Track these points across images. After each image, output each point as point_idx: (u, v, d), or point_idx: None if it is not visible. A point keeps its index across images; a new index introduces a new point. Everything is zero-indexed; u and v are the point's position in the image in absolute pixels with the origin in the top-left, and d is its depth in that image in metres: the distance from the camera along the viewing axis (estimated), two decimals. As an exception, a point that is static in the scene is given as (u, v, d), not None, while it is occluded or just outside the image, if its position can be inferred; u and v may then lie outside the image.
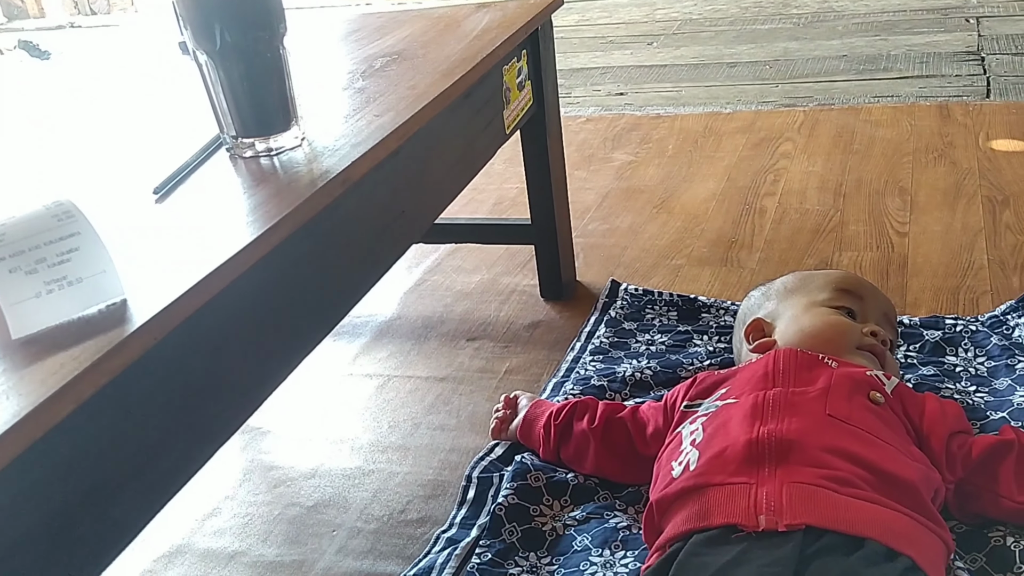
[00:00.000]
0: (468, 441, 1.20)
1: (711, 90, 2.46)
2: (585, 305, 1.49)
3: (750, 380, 0.97)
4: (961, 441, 0.93)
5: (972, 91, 2.14)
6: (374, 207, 0.91)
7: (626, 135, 2.22)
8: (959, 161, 1.78)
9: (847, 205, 1.68)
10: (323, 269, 0.82)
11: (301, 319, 0.79)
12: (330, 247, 0.83)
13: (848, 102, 2.20)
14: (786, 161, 1.92)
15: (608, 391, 1.21)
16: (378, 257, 0.94)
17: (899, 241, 1.53)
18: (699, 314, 1.39)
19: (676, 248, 1.64)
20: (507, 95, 1.27)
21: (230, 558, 1.06)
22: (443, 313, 1.54)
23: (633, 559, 0.93)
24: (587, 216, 1.81)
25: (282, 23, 0.83)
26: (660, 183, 1.92)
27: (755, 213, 1.72)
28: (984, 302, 1.32)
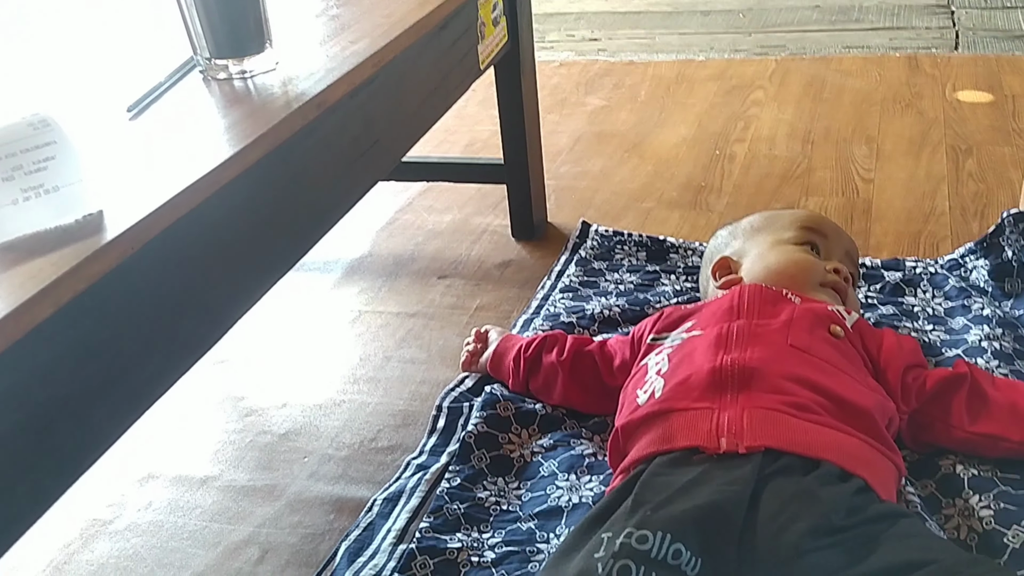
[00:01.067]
0: (439, 374, 1.22)
1: (685, 38, 2.46)
2: (556, 245, 1.50)
3: (715, 313, 0.99)
4: (916, 374, 0.97)
5: (941, 43, 2.16)
6: (349, 133, 0.91)
7: (599, 80, 2.22)
8: (926, 111, 1.80)
9: (815, 152, 1.71)
10: (297, 191, 0.83)
11: (275, 239, 0.80)
12: (305, 170, 0.83)
13: (820, 52, 2.21)
14: (757, 109, 1.94)
15: (577, 327, 1.23)
16: (352, 184, 0.94)
17: (864, 187, 1.56)
18: (667, 254, 1.41)
19: (646, 191, 1.66)
20: (482, 30, 1.26)
21: (202, 482, 1.08)
22: (414, 251, 1.55)
23: (598, 483, 0.96)
24: (559, 159, 1.82)
25: (257, -57, 0.82)
26: (632, 128, 1.93)
27: (725, 159, 1.74)
28: (944, 246, 1.35)
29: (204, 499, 1.05)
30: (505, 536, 0.92)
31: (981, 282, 1.21)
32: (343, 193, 0.93)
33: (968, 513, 0.87)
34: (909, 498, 0.89)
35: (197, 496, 1.06)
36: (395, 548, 0.92)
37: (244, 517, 1.02)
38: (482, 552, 0.90)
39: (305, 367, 1.27)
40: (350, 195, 0.95)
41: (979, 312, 1.15)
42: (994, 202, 1.45)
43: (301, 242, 0.85)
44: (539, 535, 0.92)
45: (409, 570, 0.88)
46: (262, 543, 0.98)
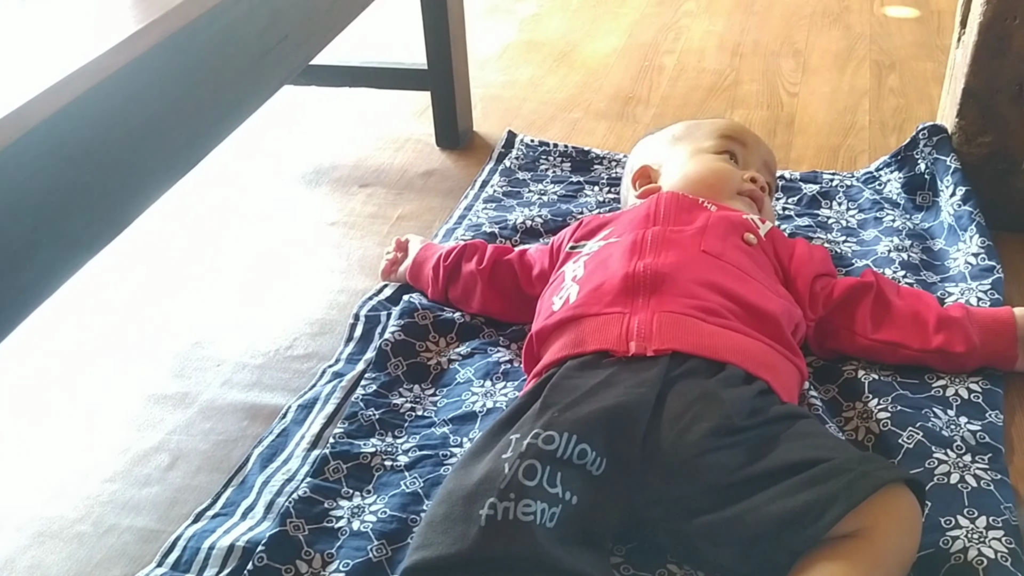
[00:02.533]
0: (357, 283, 1.20)
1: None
2: (481, 155, 1.48)
3: (632, 221, 0.99)
4: (824, 283, 0.99)
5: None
6: (255, 26, 0.87)
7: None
8: (853, 25, 1.81)
9: (743, 65, 1.70)
10: (197, 85, 0.79)
11: (172, 136, 0.77)
12: (205, 62, 0.80)
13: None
14: (688, 20, 1.91)
15: (499, 237, 1.22)
16: (259, 81, 0.90)
17: (789, 101, 1.56)
18: (591, 165, 1.41)
19: (574, 102, 1.63)
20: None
21: (111, 390, 1.06)
22: (336, 159, 1.51)
23: (512, 388, 0.97)
24: (487, 67, 1.78)
25: None
26: (562, 37, 1.89)
27: (654, 70, 1.72)
28: (862, 160, 1.37)
29: (113, 407, 1.03)
30: (419, 441, 0.93)
31: (894, 195, 1.23)
32: (249, 90, 0.89)
33: (867, 415, 0.90)
34: (811, 402, 0.92)
35: (105, 404, 1.04)
36: (308, 453, 0.92)
37: (154, 424, 1.00)
38: (396, 456, 0.91)
39: (220, 274, 1.24)
40: (257, 94, 0.91)
41: (890, 224, 1.17)
42: (913, 117, 1.47)
43: (202, 141, 0.82)
44: (453, 439, 0.92)
45: (322, 474, 0.88)
46: (172, 449, 0.97)
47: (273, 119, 1.58)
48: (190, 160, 0.80)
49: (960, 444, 0.85)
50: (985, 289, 1.03)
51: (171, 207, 1.35)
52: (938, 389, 0.93)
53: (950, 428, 0.87)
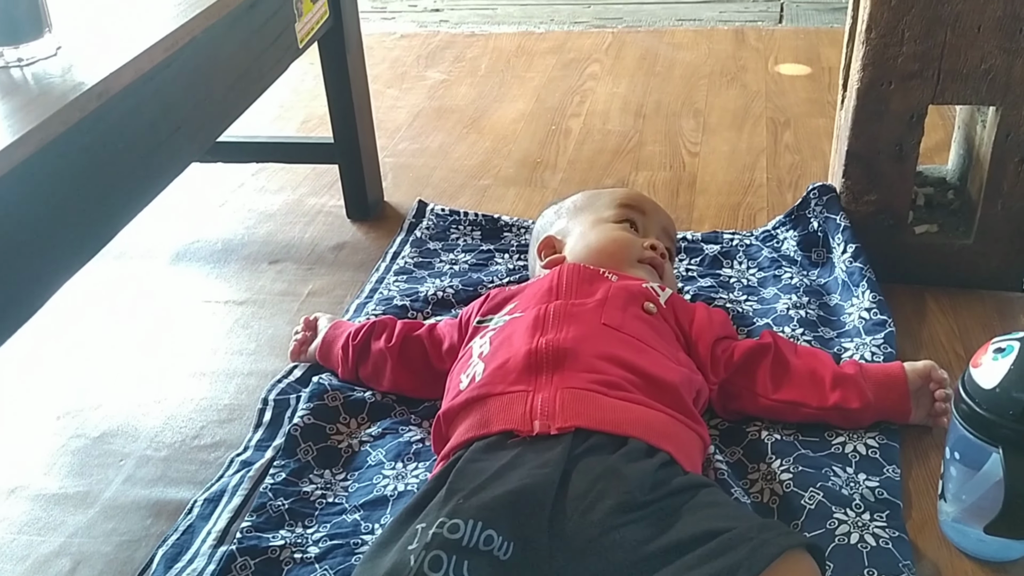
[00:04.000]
0: (267, 364, 1.19)
1: (526, 9, 2.46)
2: (392, 225, 1.49)
3: (536, 294, 1.01)
4: (725, 346, 1.01)
5: (766, 16, 2.25)
6: (143, 121, 0.86)
7: (440, 53, 2.20)
8: (749, 84, 1.88)
9: (646, 126, 1.75)
10: (86, 185, 0.78)
11: (61, 237, 0.75)
12: (93, 162, 0.79)
13: (654, 24, 2.26)
14: (593, 82, 1.96)
15: (410, 310, 1.22)
16: (152, 173, 0.89)
17: (691, 161, 1.61)
18: (501, 233, 1.42)
19: (484, 168, 1.66)
20: (299, 7, 1.22)
21: (9, 492, 1.02)
22: (245, 235, 1.49)
23: (424, 470, 0.97)
24: (398, 135, 1.79)
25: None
26: (471, 103, 1.92)
27: (561, 134, 1.76)
28: (760, 217, 1.42)
29: (12, 510, 0.99)
30: (330, 529, 0.91)
31: (791, 252, 1.27)
32: (142, 182, 0.88)
33: (771, 477, 0.92)
34: (717, 466, 0.93)
35: (4, 507, 1.00)
36: (215, 550, 0.90)
37: (55, 527, 0.97)
38: (305, 548, 0.89)
39: (125, 363, 1.21)
40: (151, 184, 0.90)
41: (788, 281, 1.21)
42: (808, 173, 1.53)
43: (92, 240, 0.80)
44: (364, 526, 0.91)
45: (229, 572, 0.86)
46: (74, 553, 0.93)
47: (181, 195, 1.56)
48: (81, 256, 0.79)
49: (859, 503, 0.88)
50: (878, 344, 1.06)
51: (68, 287, 1.32)
52: (838, 446, 0.95)
53: (849, 486, 0.90)
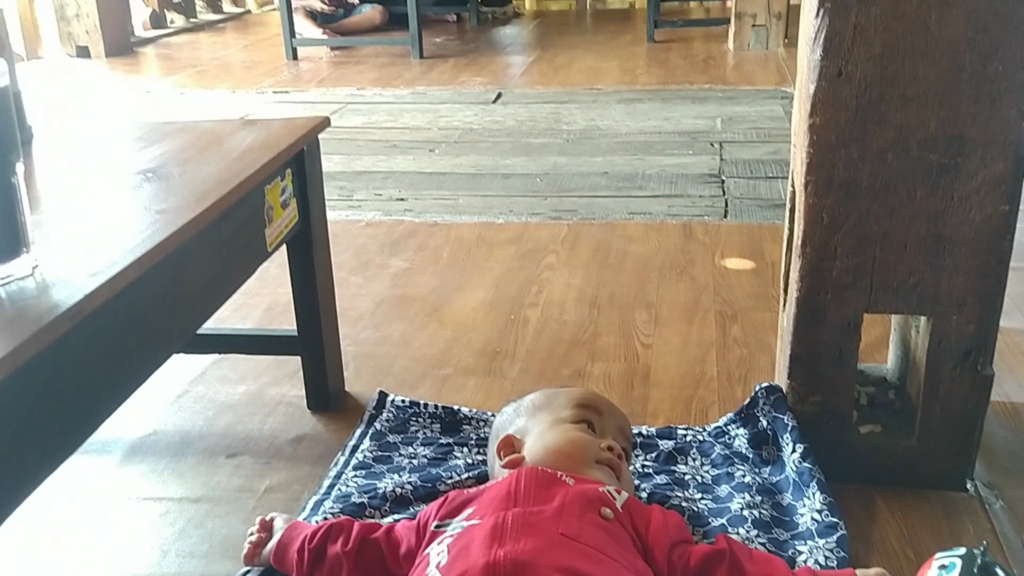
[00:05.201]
0: (220, 568, 1.16)
1: (486, 200, 2.58)
2: (353, 416, 1.50)
3: (494, 500, 1.02)
4: (681, 551, 1.02)
5: (712, 211, 2.39)
6: (112, 335, 0.89)
7: (404, 241, 2.28)
8: (697, 278, 1.97)
9: (601, 317, 1.82)
10: (52, 399, 0.79)
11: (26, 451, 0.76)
12: (61, 375, 0.80)
13: (607, 217, 2.38)
14: (550, 273, 2.05)
15: (368, 508, 1.22)
16: (118, 382, 0.91)
17: (644, 353, 1.67)
18: (461, 426, 1.44)
19: (444, 358, 1.69)
20: (269, 213, 1.28)
21: None
22: (204, 427, 1.49)
23: None
24: (360, 324, 1.83)
25: (14, 152, 0.81)
26: (433, 291, 1.98)
27: (519, 323, 1.81)
28: (712, 412, 1.46)
29: None
30: None
31: (743, 449, 1.30)
32: (108, 391, 0.89)
33: None
34: None
35: None
36: None
37: None
38: None
39: (72, 566, 1.18)
40: (117, 392, 0.91)
41: (741, 479, 1.23)
42: (756, 367, 1.59)
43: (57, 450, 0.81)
44: None
45: None
46: None
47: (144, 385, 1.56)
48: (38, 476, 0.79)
49: None
50: (831, 547, 1.08)
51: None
52: (795, 656, 0.95)
53: None
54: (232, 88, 4.04)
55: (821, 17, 1.06)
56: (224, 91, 3.99)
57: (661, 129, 3.19)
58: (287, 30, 4.56)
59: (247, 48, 5.12)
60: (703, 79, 3.86)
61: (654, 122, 3.29)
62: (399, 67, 4.39)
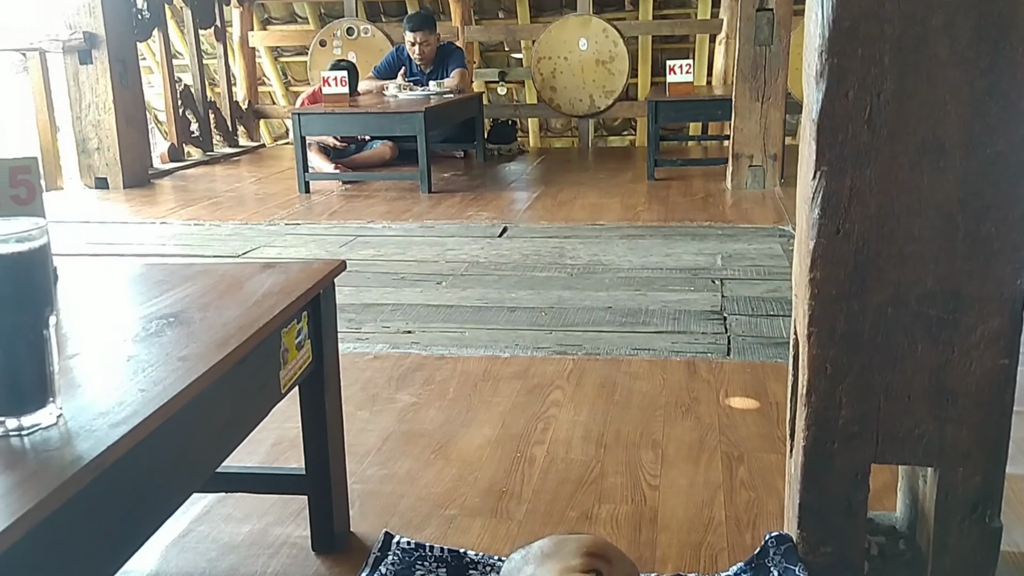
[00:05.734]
0: None
1: (492, 333, 2.62)
2: (358, 558, 1.48)
3: (504, 654, 1.00)
4: None
5: (715, 348, 2.42)
6: (131, 481, 0.90)
7: (411, 375, 2.30)
8: (702, 416, 1.98)
9: (607, 456, 1.82)
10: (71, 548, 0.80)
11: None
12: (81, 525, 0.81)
13: (612, 352, 2.41)
14: (556, 409, 2.06)
15: (372, 658, 1.19)
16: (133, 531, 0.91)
17: (651, 495, 1.66)
18: (467, 571, 1.42)
19: (450, 497, 1.68)
20: (285, 356, 1.31)
21: None
22: (206, 569, 1.47)
23: None
24: (366, 460, 1.83)
25: (49, 307, 0.85)
26: (440, 427, 1.99)
27: (525, 462, 1.81)
28: (722, 558, 1.44)
29: None
30: None
31: (754, 600, 1.28)
32: (119, 545, 0.90)
33: None
34: None
35: None
36: None
37: None
38: None
39: None
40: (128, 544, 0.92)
41: (754, 632, 1.21)
42: (764, 512, 1.58)
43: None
44: None
45: None
46: None
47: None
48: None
49: None
50: None
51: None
52: None
53: None
54: (245, 220, 4.15)
55: (818, 179, 1.12)
56: (237, 223, 4.11)
57: (663, 265, 3.26)
58: (300, 164, 4.73)
59: (261, 181, 5.29)
60: (703, 216, 3.97)
61: (656, 258, 3.37)
62: (408, 201, 4.52)
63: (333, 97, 4.74)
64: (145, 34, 5.48)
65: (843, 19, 1.07)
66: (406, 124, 4.60)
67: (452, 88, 5.32)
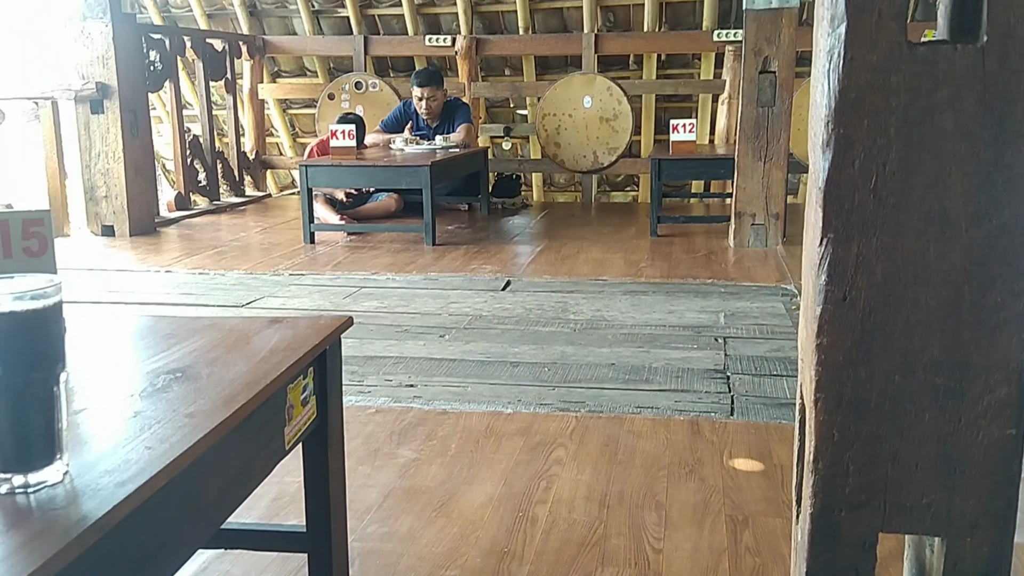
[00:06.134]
0: None
1: (495, 388, 2.61)
2: (355, 620, 1.46)
3: None
4: None
5: (718, 408, 2.41)
6: (136, 540, 0.89)
7: (413, 430, 2.29)
8: (706, 478, 1.97)
9: (610, 517, 1.80)
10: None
11: None
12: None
13: (615, 410, 2.40)
14: (558, 468, 2.04)
15: None
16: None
17: (655, 558, 1.64)
18: (468, 634, 1.40)
19: (451, 557, 1.67)
20: (290, 412, 1.31)
21: None
22: (203, 628, 1.45)
23: None
24: (367, 518, 1.82)
25: (60, 364, 0.85)
26: (441, 484, 1.97)
27: (528, 522, 1.79)
28: (727, 628, 1.42)
29: None
30: None
31: (760, 670, 1.26)
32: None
33: None
34: None
35: None
36: None
37: None
38: None
39: None
40: (129, 605, 0.91)
41: None
42: (770, 578, 1.56)
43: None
44: None
45: None
46: None
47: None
48: None
49: None
50: None
51: None
52: None
53: None
54: (249, 270, 4.17)
55: (825, 246, 1.13)
56: (242, 273, 4.12)
57: (666, 322, 3.27)
58: (306, 215, 4.76)
59: (266, 231, 5.32)
60: (705, 274, 3.99)
61: (659, 315, 3.37)
62: (412, 253, 4.54)
63: (341, 150, 4.79)
64: (157, 85, 5.56)
65: (849, 90, 1.09)
66: (412, 177, 4.64)
67: (458, 142, 5.39)
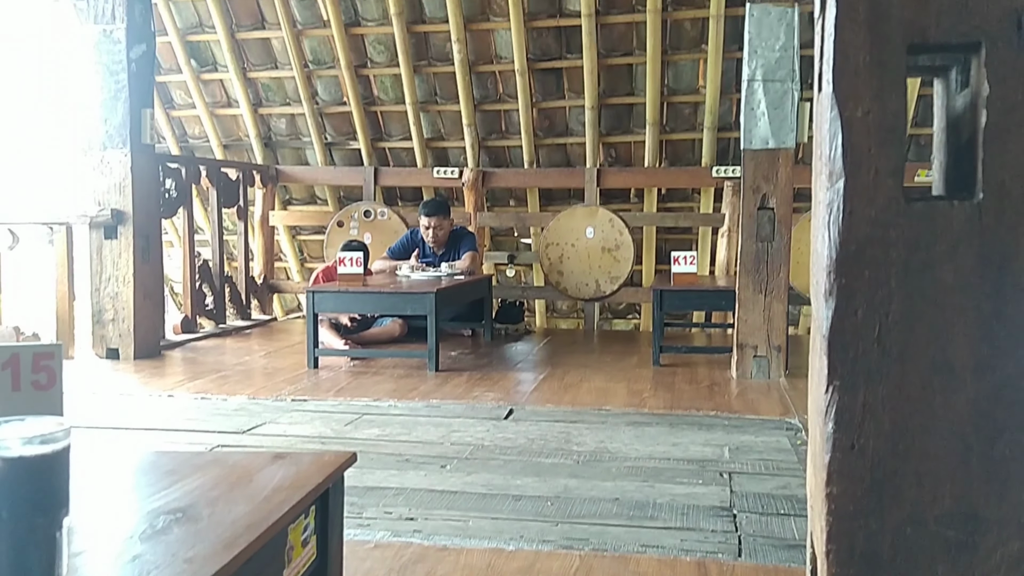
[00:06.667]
0: None
1: (496, 523, 2.56)
2: None
3: None
4: None
5: (725, 548, 2.35)
6: None
7: (412, 567, 2.23)
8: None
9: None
10: None
11: None
12: None
13: (619, 549, 2.34)
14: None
15: None
16: None
17: None
18: None
19: None
20: (290, 554, 1.28)
21: None
22: None
23: None
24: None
25: (64, 509, 0.85)
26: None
27: (530, 670, 1.72)
28: None
29: None
30: None
31: None
32: None
33: None
34: None
35: None
36: None
37: None
38: None
39: None
40: None
41: None
42: None
43: None
44: None
45: None
46: None
47: None
48: None
49: None
50: None
51: None
52: None
53: None
54: (252, 395, 4.16)
55: (831, 393, 1.13)
56: (244, 398, 4.11)
57: (670, 455, 3.23)
58: (311, 341, 4.78)
59: (270, 355, 5.34)
60: (709, 405, 3.97)
61: (663, 447, 3.33)
62: (415, 379, 4.54)
63: (348, 277, 4.86)
64: (171, 212, 5.70)
65: (849, 242, 1.12)
66: (418, 304, 4.69)
67: (463, 270, 5.47)
